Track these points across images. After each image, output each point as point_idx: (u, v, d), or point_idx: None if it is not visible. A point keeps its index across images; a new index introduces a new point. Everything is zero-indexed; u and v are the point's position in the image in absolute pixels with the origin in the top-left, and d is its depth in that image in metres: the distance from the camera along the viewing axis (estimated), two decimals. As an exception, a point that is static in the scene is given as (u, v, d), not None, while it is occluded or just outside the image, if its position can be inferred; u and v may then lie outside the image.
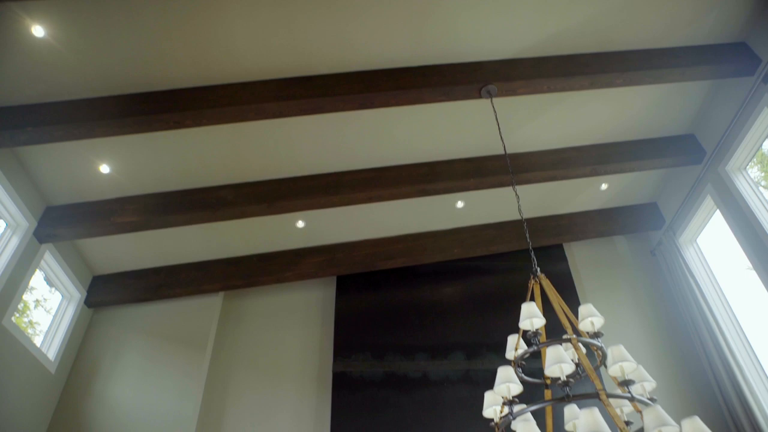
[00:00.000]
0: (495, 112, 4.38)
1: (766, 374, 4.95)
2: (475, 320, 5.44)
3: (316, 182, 5.07)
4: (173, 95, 4.28)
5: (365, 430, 4.77)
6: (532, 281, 3.16)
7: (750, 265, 5.07)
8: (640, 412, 2.64)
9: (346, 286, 5.80)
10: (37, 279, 5.30)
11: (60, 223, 4.95)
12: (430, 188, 5.09)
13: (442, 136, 5.09)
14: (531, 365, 2.98)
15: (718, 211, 5.48)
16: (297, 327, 5.76)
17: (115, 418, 5.07)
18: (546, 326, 3.12)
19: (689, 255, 5.87)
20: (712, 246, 5.77)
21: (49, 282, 5.40)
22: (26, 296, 5.23)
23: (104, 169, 4.83)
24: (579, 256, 6.25)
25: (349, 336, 5.37)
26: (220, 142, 4.80)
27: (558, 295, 3.04)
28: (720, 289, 5.50)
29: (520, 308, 2.81)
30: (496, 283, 5.76)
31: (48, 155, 4.67)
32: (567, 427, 2.98)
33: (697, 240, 5.92)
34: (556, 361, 2.43)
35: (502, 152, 5.08)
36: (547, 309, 3.01)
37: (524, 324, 2.75)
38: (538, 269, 3.17)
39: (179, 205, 5.00)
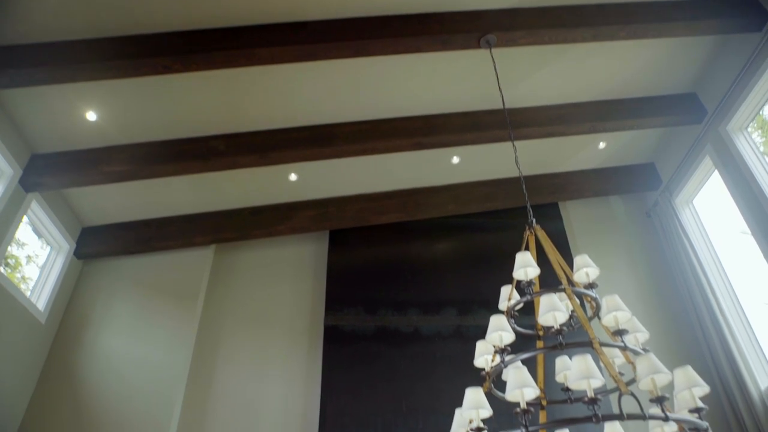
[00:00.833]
0: (494, 62, 4.25)
1: (756, 336, 4.98)
2: (467, 277, 5.42)
3: (309, 134, 4.96)
4: (160, 39, 4.12)
5: (356, 383, 4.79)
6: (527, 232, 3.10)
7: (744, 229, 5.04)
8: (632, 363, 2.63)
9: (338, 241, 5.75)
10: (27, 233, 5.23)
11: (46, 172, 4.84)
12: (425, 141, 4.99)
13: (439, 88, 4.96)
14: (523, 322, 2.94)
15: (716, 173, 5.41)
16: (289, 281, 5.73)
17: (106, 368, 5.07)
18: (539, 279, 3.08)
19: (685, 216, 5.83)
20: (708, 208, 5.73)
21: (37, 233, 5.32)
22: (18, 252, 5.17)
23: (91, 116, 4.69)
24: (574, 215, 6.21)
25: (341, 290, 5.35)
26: (211, 91, 4.66)
27: (553, 247, 2.99)
28: (714, 251, 5.48)
29: (513, 266, 2.76)
30: (490, 241, 5.72)
31: (33, 101, 4.52)
32: (558, 378, 2.97)
33: (693, 201, 5.87)
34: (550, 309, 2.39)
35: (500, 107, 4.96)
36: (541, 262, 2.96)
37: (518, 273, 2.71)
38: (534, 220, 3.11)
39: (169, 155, 4.89)
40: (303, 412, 4.90)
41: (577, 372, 2.12)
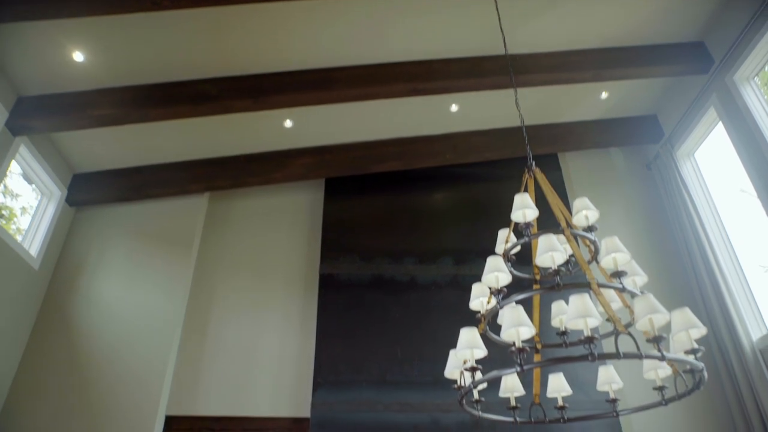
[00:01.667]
0: (496, 3, 4.08)
1: (750, 289, 4.97)
2: (464, 227, 5.37)
3: (304, 78, 4.81)
4: (148, -27, 3.92)
5: (351, 330, 4.80)
6: (527, 175, 3.02)
7: (743, 187, 4.97)
8: (629, 307, 2.59)
9: (335, 189, 5.67)
10: (20, 183, 5.15)
11: (34, 115, 4.71)
12: (423, 87, 4.85)
13: (438, 33, 4.78)
14: (520, 270, 2.88)
15: (719, 125, 5.31)
16: (285, 229, 5.68)
17: (101, 315, 5.07)
18: (537, 223, 3.02)
19: (685, 169, 5.75)
20: (709, 162, 5.65)
21: (28, 179, 5.22)
22: (12, 203, 5.09)
23: (78, 56, 4.53)
24: (573, 167, 6.13)
25: (337, 239, 5.31)
26: (202, 32, 4.48)
27: (552, 190, 2.92)
28: (713, 204, 5.43)
29: (510, 217, 2.69)
30: (488, 191, 5.64)
31: (17, 41, 4.35)
32: (554, 322, 2.94)
33: (695, 154, 5.78)
34: (548, 249, 2.33)
35: (501, 53, 4.79)
36: (540, 209, 2.89)
37: (516, 215, 2.64)
38: (534, 163, 3.03)
39: (159, 98, 4.75)
40: (298, 359, 4.93)
41: (574, 311, 2.08)
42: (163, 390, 4.67)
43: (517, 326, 2.12)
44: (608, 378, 2.83)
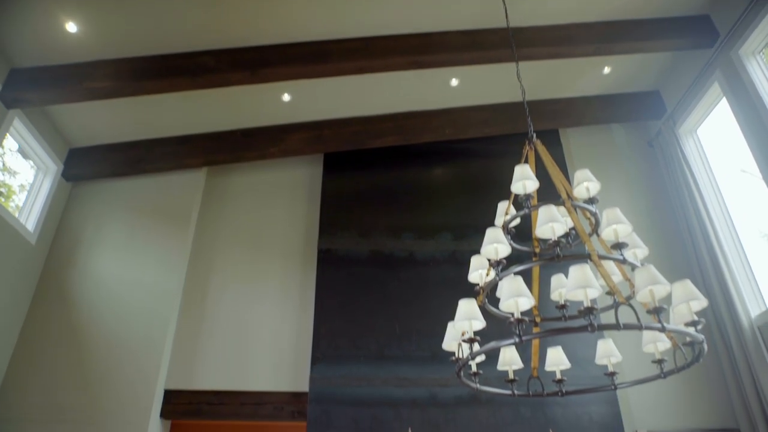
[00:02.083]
0: (498, -27, 3.98)
1: (750, 266, 4.95)
2: (463, 202, 5.33)
3: (302, 50, 4.72)
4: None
5: (350, 306, 4.79)
6: (527, 147, 2.97)
7: (744, 167, 4.92)
8: (629, 280, 2.56)
9: (333, 165, 5.62)
10: (17, 160, 5.09)
11: (28, 87, 4.63)
12: (423, 60, 4.76)
13: (438, 3, 4.68)
14: (520, 244, 2.84)
15: (723, 101, 5.23)
16: (283, 205, 5.64)
17: (98, 290, 5.05)
18: (537, 196, 2.98)
19: (688, 146, 5.69)
20: (711, 139, 5.59)
21: (23, 153, 5.17)
22: (11, 181, 5.06)
23: (71, 27, 4.44)
24: (574, 143, 6.07)
25: (336, 214, 5.27)
26: (199, 2, 4.39)
27: (553, 162, 2.88)
28: (715, 181, 5.38)
29: (509, 192, 2.65)
30: (487, 167, 5.60)
31: (8, 10, 4.26)
32: (553, 296, 2.92)
33: (698, 131, 5.72)
34: (549, 220, 2.29)
35: (502, 25, 4.71)
36: (540, 181, 2.84)
37: (516, 186, 2.60)
38: (535, 134, 2.98)
39: (156, 70, 4.67)
40: (296, 334, 4.93)
41: (573, 281, 2.05)
42: (162, 364, 4.68)
43: (516, 297, 2.10)
44: (607, 351, 2.82)
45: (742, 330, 4.67)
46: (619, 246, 2.35)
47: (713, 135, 5.55)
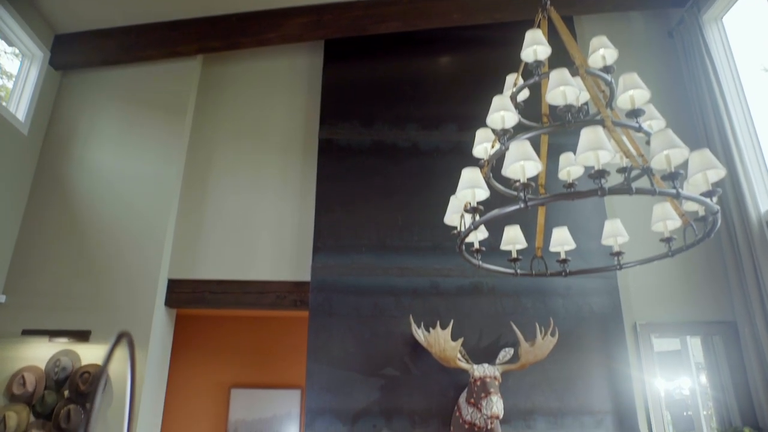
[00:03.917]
0: None
1: (765, 161, 4.79)
2: (470, 92, 5.09)
3: None
4: None
5: (351, 197, 4.71)
6: (539, 15, 2.75)
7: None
8: (643, 156, 2.43)
9: (334, 52, 5.33)
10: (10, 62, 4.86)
11: (4, -38, 4.31)
12: (430, -69, 4.38)
13: None
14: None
15: (755, -18, 4.85)
16: (282, 94, 5.42)
17: (97, 182, 4.97)
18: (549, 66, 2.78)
19: (711, 36, 5.35)
20: (737, 31, 5.24)
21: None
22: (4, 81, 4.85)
23: None
24: (589, 32, 5.71)
25: (337, 104, 5.06)
26: None
27: (567, 31, 2.66)
28: (737, 74, 5.10)
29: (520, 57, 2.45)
30: (496, 56, 5.28)
31: None
32: (560, 174, 2.80)
33: (723, 19, 5.36)
34: (560, 83, 2.12)
35: None
36: (552, 58, 2.63)
37: (526, 53, 2.40)
38: (549, 1, 2.74)
39: (140, -57, 4.32)
40: (298, 224, 4.89)
41: (585, 143, 1.92)
42: (164, 254, 4.68)
43: (523, 160, 1.97)
44: (614, 231, 2.74)
45: (749, 224, 4.59)
46: (635, 114, 2.19)
47: (739, 26, 5.20)
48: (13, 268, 4.65)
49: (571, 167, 2.71)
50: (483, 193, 2.19)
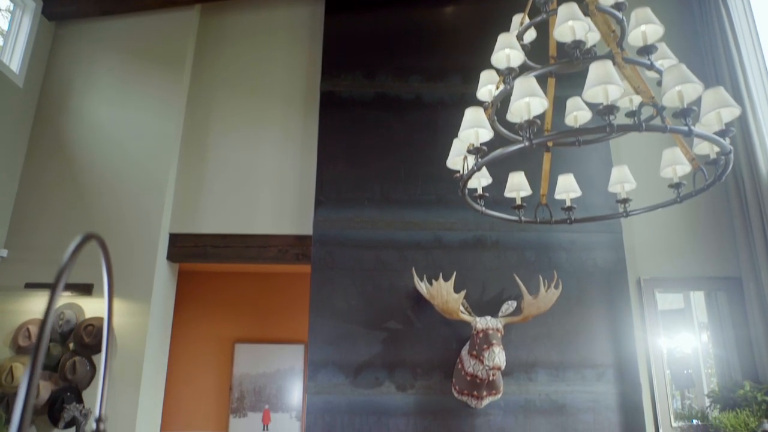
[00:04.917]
0: None
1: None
2: (475, 44, 4.94)
3: None
4: None
5: (354, 149, 4.63)
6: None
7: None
8: (653, 98, 2.34)
9: (336, 1, 5.15)
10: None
11: None
12: None
13: None
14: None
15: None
16: (283, 45, 5.28)
17: (96, 136, 4.90)
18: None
19: (725, -22, 5.15)
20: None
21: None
22: None
23: None
24: (600, -19, 5.51)
25: (339, 55, 4.93)
26: None
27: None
28: (755, 29, 4.91)
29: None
30: (503, 5, 5.12)
31: None
32: (567, 120, 2.72)
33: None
34: (569, 17, 2.03)
35: None
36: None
37: (534, -11, 2.29)
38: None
39: None
40: (300, 177, 4.83)
41: (594, 77, 1.84)
42: (165, 208, 4.64)
43: (528, 96, 1.89)
44: (621, 177, 2.67)
45: (759, 180, 4.51)
46: (646, 50, 2.09)
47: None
48: (13, 223, 4.63)
49: (578, 111, 2.63)
50: (486, 134, 2.12)
